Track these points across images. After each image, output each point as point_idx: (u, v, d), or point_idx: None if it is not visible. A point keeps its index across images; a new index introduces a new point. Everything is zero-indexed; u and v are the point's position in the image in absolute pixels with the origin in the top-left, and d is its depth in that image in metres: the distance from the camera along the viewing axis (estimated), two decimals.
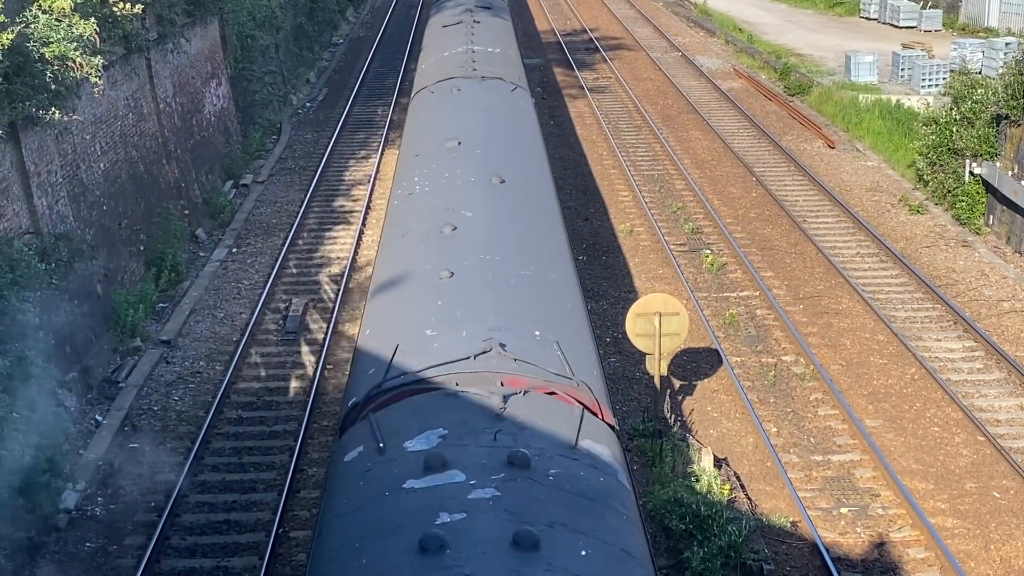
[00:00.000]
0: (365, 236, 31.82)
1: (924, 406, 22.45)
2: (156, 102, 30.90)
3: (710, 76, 52.75)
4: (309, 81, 53.03)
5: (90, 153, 25.40)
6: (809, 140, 41.80)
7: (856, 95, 45.17)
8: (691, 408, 22.54)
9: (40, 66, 20.75)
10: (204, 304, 27.62)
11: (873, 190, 35.71)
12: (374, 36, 65.19)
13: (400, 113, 41.73)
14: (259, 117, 43.22)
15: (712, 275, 29.04)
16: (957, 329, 25.66)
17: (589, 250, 30.69)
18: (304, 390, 23.16)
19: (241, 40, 41.85)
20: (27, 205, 21.78)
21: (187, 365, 24.52)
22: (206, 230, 32.43)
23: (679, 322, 19.72)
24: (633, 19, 70.83)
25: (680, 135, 42.80)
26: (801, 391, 23.14)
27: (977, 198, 31.99)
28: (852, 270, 28.89)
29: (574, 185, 36.47)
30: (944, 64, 45.60)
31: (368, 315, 15.22)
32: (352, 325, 25.55)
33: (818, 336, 25.56)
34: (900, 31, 60.87)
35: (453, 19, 36.23)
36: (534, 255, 15.92)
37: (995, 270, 29.03)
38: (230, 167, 37.18)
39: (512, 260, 15.19)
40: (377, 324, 14.41)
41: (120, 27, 26.72)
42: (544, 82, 52.07)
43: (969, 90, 33.01)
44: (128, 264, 26.90)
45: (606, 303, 27.28)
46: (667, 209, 34.02)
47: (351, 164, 39.38)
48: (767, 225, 32.64)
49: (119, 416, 22.04)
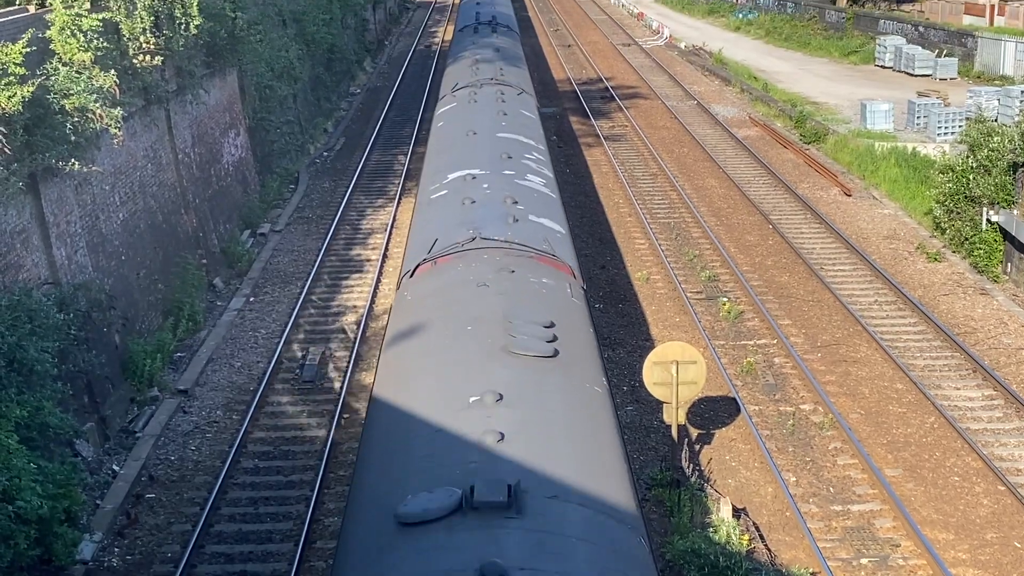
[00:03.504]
0: (382, 285, 31.86)
1: (944, 455, 22.30)
2: (175, 152, 31.10)
3: (726, 124, 52.88)
4: (327, 130, 53.34)
5: (109, 203, 25.54)
6: (825, 188, 41.80)
7: (872, 143, 45.22)
8: (709, 457, 22.43)
9: (60, 118, 20.95)
10: (221, 353, 27.66)
11: (890, 238, 35.66)
12: (391, 86, 65.60)
13: (416, 162, 41.89)
14: (277, 166, 43.45)
15: (729, 323, 28.98)
16: (976, 377, 25.53)
17: (606, 298, 30.67)
18: (321, 439, 23.12)
19: (259, 90, 42.17)
20: (46, 255, 21.91)
21: (204, 415, 24.53)
22: (223, 279, 32.54)
23: (696, 370, 19.65)
24: (649, 68, 71.12)
25: (696, 183, 42.86)
26: (820, 440, 23.01)
27: (995, 246, 31.90)
28: (870, 318, 28.80)
29: (591, 233, 36.51)
30: (960, 112, 45.65)
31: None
32: (368, 374, 25.53)
33: (836, 384, 25.45)
34: (915, 79, 61.00)
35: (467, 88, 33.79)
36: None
37: (1014, 318, 28.91)
38: (248, 216, 37.35)
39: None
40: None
41: (140, 79, 27.01)
42: (560, 130, 52.27)
43: (985, 138, 32.99)
44: (146, 313, 26.98)
45: (623, 351, 27.23)
46: (684, 257, 34.02)
47: (368, 213, 39.52)
48: (784, 273, 32.60)
49: (136, 466, 22.03)
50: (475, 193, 20.81)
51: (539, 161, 25.04)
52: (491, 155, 23.99)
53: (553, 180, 24.22)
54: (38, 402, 18.40)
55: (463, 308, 15.16)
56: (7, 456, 16.42)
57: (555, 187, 23.64)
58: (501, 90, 32.91)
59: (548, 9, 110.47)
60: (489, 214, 19.39)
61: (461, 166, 23.36)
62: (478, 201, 20.23)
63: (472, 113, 29.53)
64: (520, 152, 24.85)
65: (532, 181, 22.60)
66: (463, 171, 22.80)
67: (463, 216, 19.53)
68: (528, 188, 21.86)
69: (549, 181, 23.69)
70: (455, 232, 18.58)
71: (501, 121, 28.04)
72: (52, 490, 17.18)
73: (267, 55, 43.23)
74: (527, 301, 15.45)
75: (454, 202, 20.65)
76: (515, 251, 17.53)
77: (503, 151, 24.26)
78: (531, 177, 22.87)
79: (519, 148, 25.29)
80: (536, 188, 22.17)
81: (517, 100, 32.18)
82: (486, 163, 23.26)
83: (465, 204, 20.22)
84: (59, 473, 17.84)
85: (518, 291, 15.75)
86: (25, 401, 18.04)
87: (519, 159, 24.04)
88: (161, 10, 27.25)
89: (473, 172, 22.46)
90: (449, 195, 21.39)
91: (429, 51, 79.86)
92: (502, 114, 28.94)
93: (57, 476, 17.70)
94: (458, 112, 30.42)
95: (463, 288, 15.93)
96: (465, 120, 28.57)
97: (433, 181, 23.45)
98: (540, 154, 26.04)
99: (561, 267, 17.79)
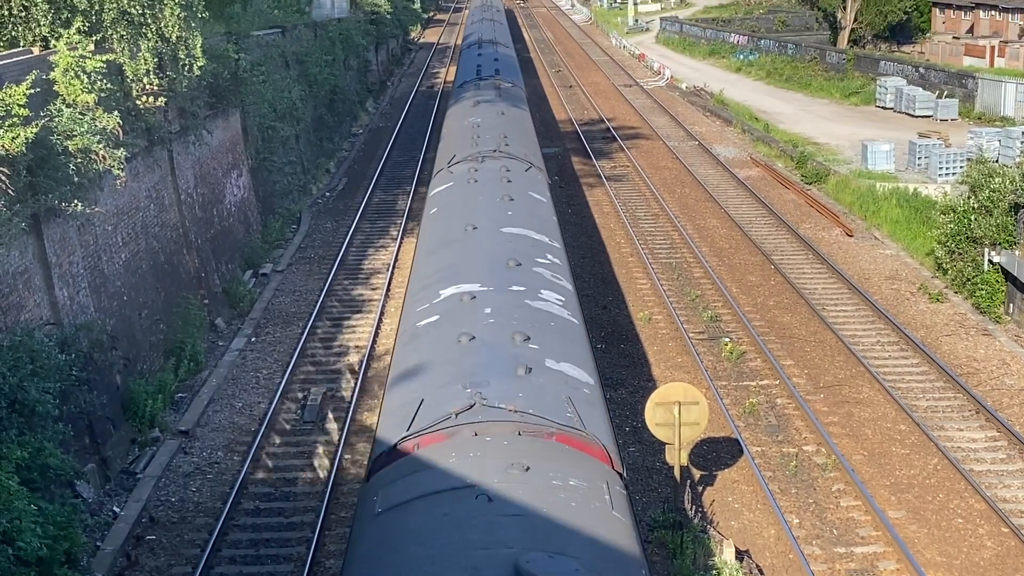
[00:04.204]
0: (384, 324, 31.85)
1: (947, 497, 22.21)
2: (177, 193, 31.17)
3: (727, 165, 53.01)
4: (329, 170, 53.51)
5: (111, 244, 25.58)
6: (827, 228, 41.86)
7: (873, 183, 45.33)
8: (712, 499, 22.34)
9: (63, 159, 21.00)
10: (223, 394, 27.62)
11: (892, 278, 35.67)
12: (393, 126, 65.88)
13: (418, 201, 41.99)
14: (279, 206, 43.55)
15: (731, 363, 28.94)
16: (979, 419, 25.46)
17: (608, 338, 30.65)
18: (322, 480, 23.05)
19: (262, 131, 42.33)
20: (48, 296, 21.92)
21: (205, 455, 24.47)
22: (225, 319, 32.54)
23: (699, 411, 19.61)
24: (650, 108, 71.40)
25: (698, 223, 42.93)
26: (823, 481, 22.93)
27: (997, 287, 31.91)
28: (872, 359, 28.76)
29: (592, 273, 36.53)
30: (961, 153, 45.79)
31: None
32: (371, 414, 25.49)
33: (839, 426, 25.38)
34: (916, 120, 61.21)
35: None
36: None
37: (1016, 359, 28.86)
38: (250, 256, 37.40)
39: None
40: None
41: (143, 120, 27.11)
42: (562, 170, 52.41)
43: (987, 179, 33.07)
44: (148, 354, 26.96)
45: (625, 392, 27.18)
46: (685, 297, 34.02)
47: (370, 252, 39.57)
48: (786, 313, 32.59)
49: (137, 508, 21.95)
50: (474, 324, 16.55)
51: (554, 267, 20.53)
52: (494, 262, 19.63)
53: (574, 294, 19.66)
54: (39, 443, 18.38)
55: (457, 547, 10.88)
56: (8, 498, 16.38)
57: (576, 306, 19.05)
58: (506, 165, 28.07)
59: (550, 50, 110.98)
60: (492, 359, 15.20)
61: (457, 278, 19.12)
62: (478, 337, 15.93)
63: (472, 197, 25.13)
64: (531, 255, 20.49)
65: (547, 300, 18.21)
66: (459, 286, 18.56)
67: (458, 363, 15.28)
68: (542, 313, 17.50)
69: (569, 298, 19.07)
70: (447, 391, 14.31)
71: (507, 209, 23.53)
72: (52, 532, 17.13)
73: (270, 96, 43.42)
74: (545, 529, 11.19)
75: (447, 337, 16.34)
76: (529, 427, 13.33)
77: (510, 255, 19.94)
78: (546, 295, 18.44)
79: (529, 249, 20.91)
80: (553, 311, 17.79)
81: (525, 178, 27.51)
82: (488, 274, 18.93)
83: (461, 342, 15.92)
84: (59, 515, 17.79)
85: (532, 507, 11.52)
86: (26, 442, 18.01)
87: (530, 266, 19.71)
88: (165, 52, 27.37)
89: (472, 289, 18.18)
90: (441, 324, 17.10)
91: (431, 92, 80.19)
92: (507, 199, 24.32)
93: (57, 518, 17.64)
94: (455, 196, 25.96)
95: (455, 503, 11.65)
96: (463, 208, 24.24)
97: (421, 298, 19.05)
98: (555, 255, 21.48)
99: (593, 450, 13.41)
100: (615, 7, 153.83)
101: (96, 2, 24.91)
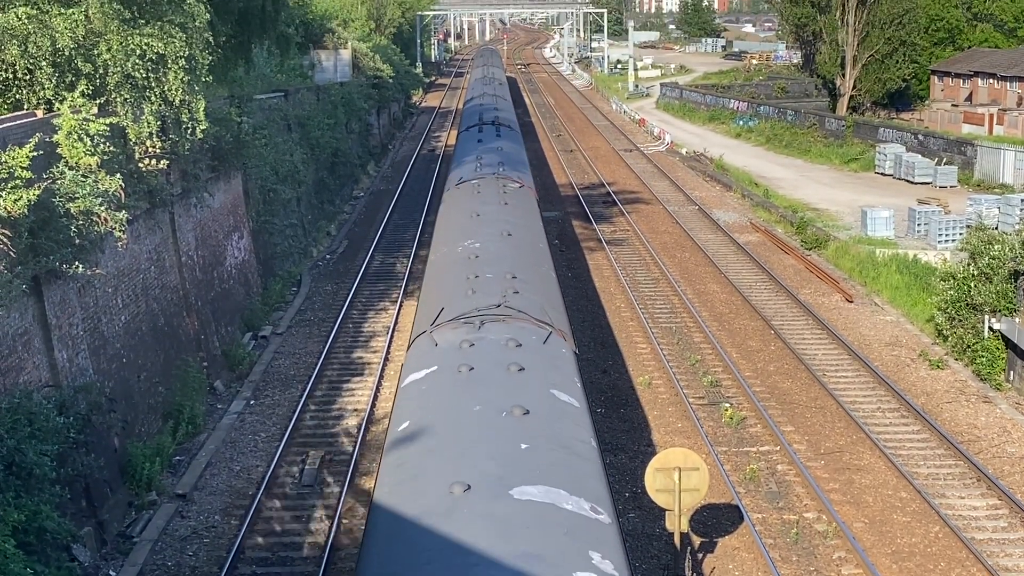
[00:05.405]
0: (383, 388, 31.78)
1: (949, 566, 22.05)
2: (178, 255, 31.22)
3: (727, 229, 53.16)
4: (330, 233, 53.66)
5: (112, 306, 25.58)
6: (827, 294, 41.89)
7: (873, 249, 45.45)
8: (712, 566, 22.17)
9: (65, 221, 21.03)
10: (221, 457, 27.50)
11: (892, 344, 35.64)
12: (394, 189, 66.16)
13: (419, 264, 42.05)
14: (280, 269, 43.62)
15: (732, 429, 28.85)
16: (980, 486, 25.34)
17: (608, 402, 30.57)
18: (319, 546, 22.89)
19: (263, 193, 42.49)
20: (48, 358, 21.89)
21: (202, 519, 24.31)
22: (224, 382, 32.47)
23: (699, 477, 19.52)
24: (650, 173, 71.70)
25: (698, 288, 42.96)
26: (824, 549, 22.77)
27: (997, 354, 31.88)
28: (873, 425, 28.66)
29: (592, 337, 36.50)
30: (960, 220, 45.97)
31: None
32: (369, 479, 25.36)
33: (840, 492, 25.25)
34: (915, 187, 61.51)
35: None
36: None
37: (1017, 426, 28.77)
38: (250, 319, 37.39)
39: None
40: None
41: (145, 182, 27.19)
42: (562, 234, 52.54)
43: (986, 245, 33.17)
44: (146, 416, 26.87)
45: (624, 457, 27.06)
46: (685, 362, 33.97)
47: (370, 315, 39.57)
48: (786, 379, 32.53)
49: (133, 572, 21.78)
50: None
51: (580, 457, 14.18)
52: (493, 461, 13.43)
53: (608, 500, 13.36)
54: (36, 506, 18.27)
55: None
56: (3, 561, 16.26)
57: (611, 508, 13.10)
58: (516, 338, 17.89)
59: (551, 114, 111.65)
60: None
61: (449, 468, 13.28)
62: None
63: (470, 376, 16.43)
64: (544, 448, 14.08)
65: (574, 506, 12.51)
66: (451, 482, 12.75)
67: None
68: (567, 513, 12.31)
69: (601, 502, 13.06)
70: None
71: (511, 396, 15.48)
72: None
73: (271, 159, 43.64)
74: None
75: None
76: None
77: (517, 443, 13.97)
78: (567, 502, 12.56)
79: (541, 441, 14.26)
80: (585, 514, 12.43)
81: (536, 343, 18.33)
82: (488, 469, 13.13)
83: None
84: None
85: None
86: (23, 505, 17.91)
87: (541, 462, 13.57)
88: (168, 115, 27.52)
89: (466, 483, 12.67)
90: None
91: (432, 155, 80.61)
92: (516, 374, 16.39)
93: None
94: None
95: None
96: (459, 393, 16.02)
97: (399, 491, 13.26)
98: (581, 424, 15.47)
99: None
100: (615, 73, 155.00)
101: (100, 66, 25.06)
